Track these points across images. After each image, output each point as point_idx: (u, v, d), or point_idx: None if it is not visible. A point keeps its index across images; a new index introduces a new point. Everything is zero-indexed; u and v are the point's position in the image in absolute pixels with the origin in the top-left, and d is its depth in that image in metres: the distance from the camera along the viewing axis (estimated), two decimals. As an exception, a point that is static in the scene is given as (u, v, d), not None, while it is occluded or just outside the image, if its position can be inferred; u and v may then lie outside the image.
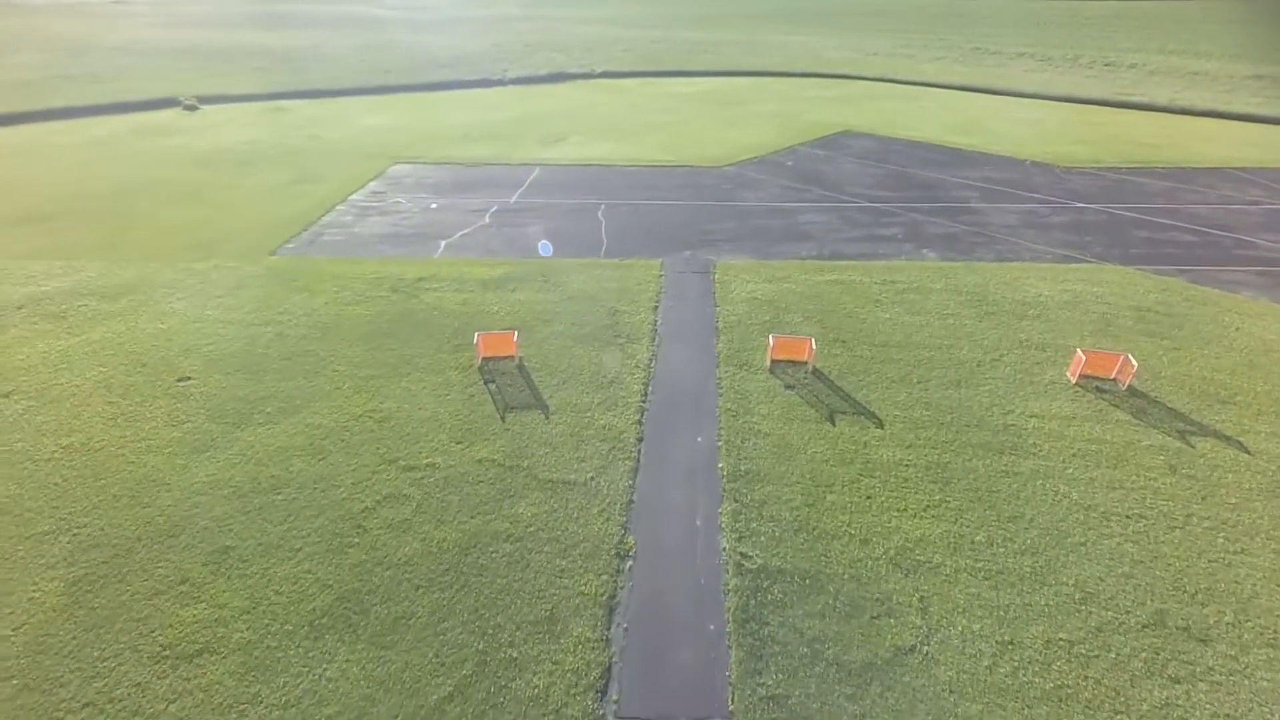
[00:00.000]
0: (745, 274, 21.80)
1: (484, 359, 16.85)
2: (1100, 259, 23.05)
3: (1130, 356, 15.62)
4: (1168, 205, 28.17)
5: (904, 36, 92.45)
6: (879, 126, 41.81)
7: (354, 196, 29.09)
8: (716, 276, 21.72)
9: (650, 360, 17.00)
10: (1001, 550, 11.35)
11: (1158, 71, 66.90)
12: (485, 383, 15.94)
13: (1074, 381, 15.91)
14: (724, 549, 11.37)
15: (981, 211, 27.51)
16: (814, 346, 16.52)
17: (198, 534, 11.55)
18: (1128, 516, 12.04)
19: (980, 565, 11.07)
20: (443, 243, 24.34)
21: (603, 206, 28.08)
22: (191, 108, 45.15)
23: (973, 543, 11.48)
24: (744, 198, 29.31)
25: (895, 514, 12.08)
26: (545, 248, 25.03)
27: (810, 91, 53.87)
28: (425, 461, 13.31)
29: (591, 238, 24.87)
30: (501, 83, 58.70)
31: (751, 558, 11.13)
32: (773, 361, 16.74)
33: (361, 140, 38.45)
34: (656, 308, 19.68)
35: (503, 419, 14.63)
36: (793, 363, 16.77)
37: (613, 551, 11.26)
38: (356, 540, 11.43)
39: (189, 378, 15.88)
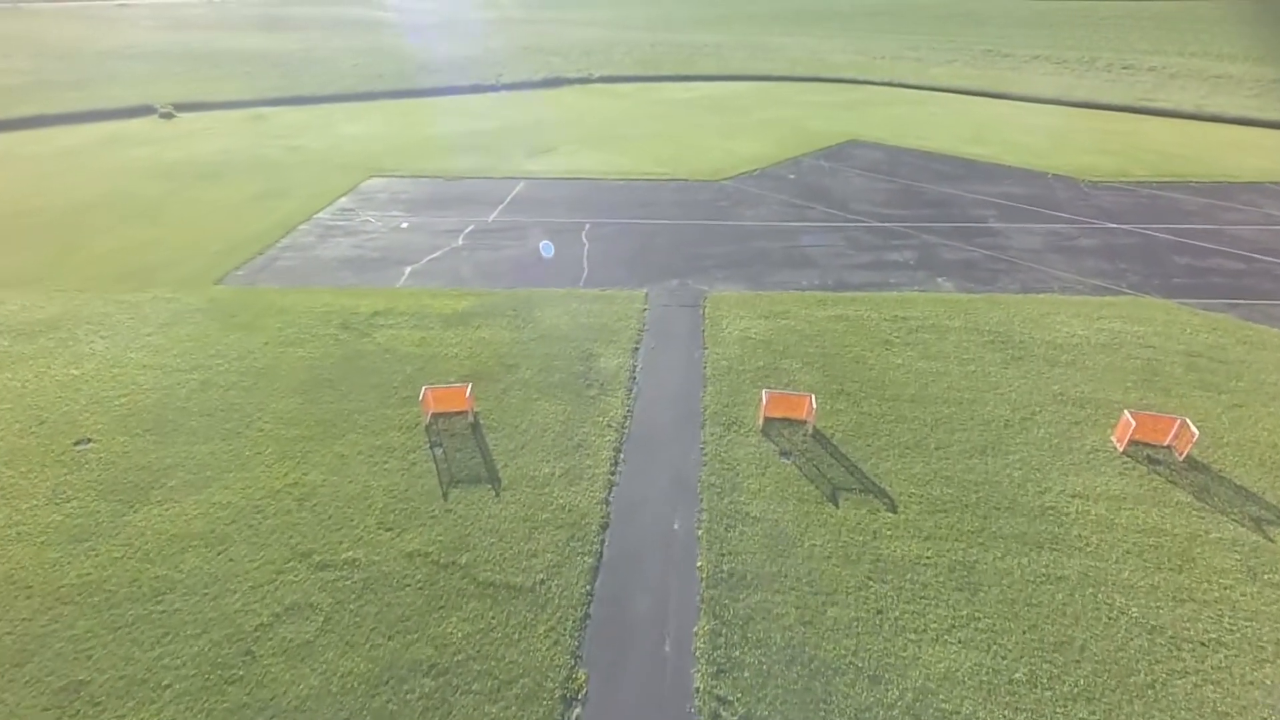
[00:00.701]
0: (739, 308, 19.55)
1: (434, 415, 14.73)
2: (1138, 290, 20.66)
3: (1189, 422, 13.29)
4: (1207, 226, 25.72)
5: (911, 38, 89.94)
6: (887, 135, 39.46)
7: (321, 214, 27.01)
8: (707, 311, 19.47)
9: (625, 418, 14.76)
10: (1048, 694, 9.04)
11: (1179, 75, 64.18)
12: (431, 446, 13.77)
13: (1121, 449, 13.59)
14: (697, 688, 9.12)
15: (1001, 233, 25.16)
16: (814, 405, 14.29)
17: (48, 662, 9.40)
18: (1203, 644, 9.73)
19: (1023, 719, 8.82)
20: (408, 269, 22.21)
21: (587, 226, 25.89)
22: (168, 115, 43.28)
23: (1011, 682, 9.19)
24: (741, 216, 27.05)
25: (913, 637, 9.82)
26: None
27: (814, 97, 51.58)
28: (345, 556, 11.14)
29: (572, 263, 22.66)
30: (494, 89, 56.63)
31: (731, 704, 8.88)
32: (766, 420, 14.52)
33: (340, 151, 36.43)
34: (637, 349, 17.45)
35: (445, 496, 12.45)
36: (789, 421, 14.56)
37: (557, 692, 9.01)
38: (241, 673, 9.25)
39: (89, 440, 13.78)
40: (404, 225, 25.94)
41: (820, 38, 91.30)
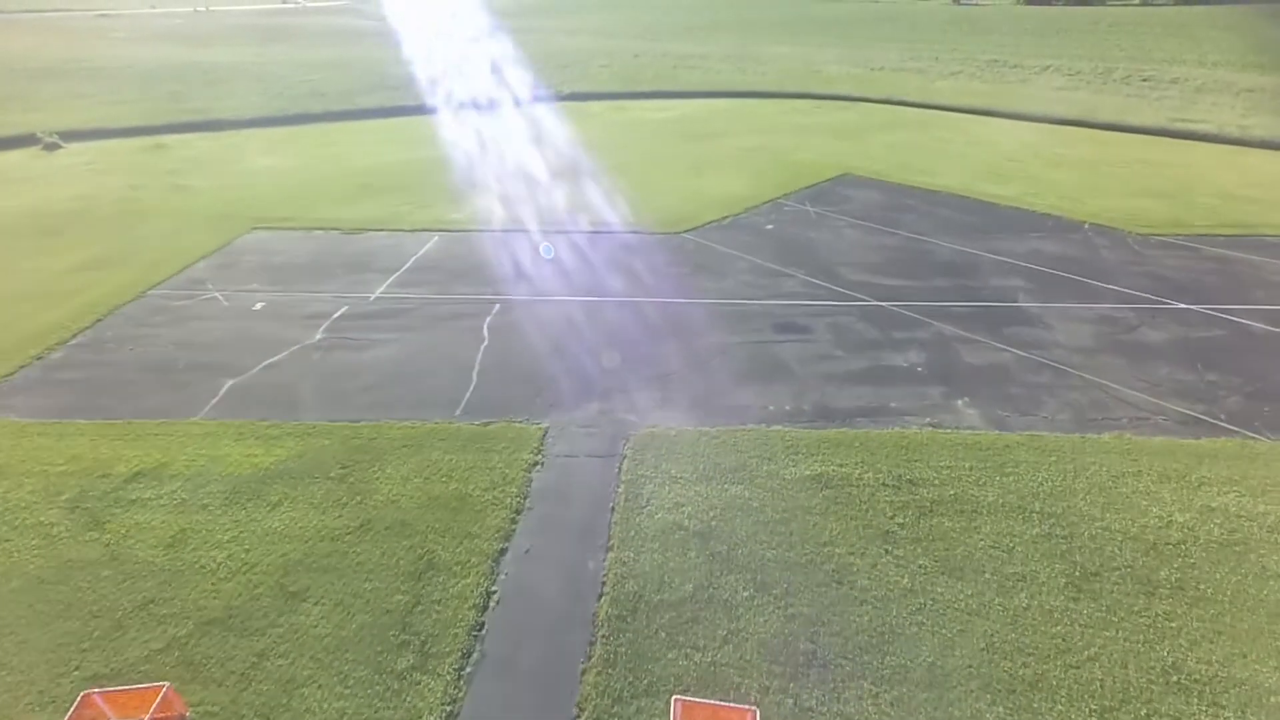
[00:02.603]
0: (674, 459, 13.63)
1: (117, 725, 8.87)
2: (1243, 426, 14.57)
3: None
4: (1308, 306, 19.84)
5: (912, 47, 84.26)
6: (887, 169, 33.55)
7: (158, 290, 20.94)
8: (626, 465, 13.53)
9: (439, 733, 8.92)
10: None
11: (1205, 88, 58.35)
12: (69, 825, 7.96)
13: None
14: None
15: (1037, 318, 19.18)
16: (759, 731, 8.38)
17: None
18: None
19: None
20: (227, 384, 16.22)
21: (496, 307, 19.97)
22: (53, 146, 37.35)
23: None
24: (700, 290, 21.06)
25: None
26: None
27: (805, 117, 45.70)
28: None
29: (456, 373, 16.66)
30: (448, 108, 51.10)
31: None
32: (680, 741, 8.67)
33: (232, 192, 30.55)
34: (502, 554, 11.51)
35: None
36: (721, 739, 8.69)
37: None
38: None
39: None
40: (258, 306, 19.99)
41: (815, 46, 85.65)
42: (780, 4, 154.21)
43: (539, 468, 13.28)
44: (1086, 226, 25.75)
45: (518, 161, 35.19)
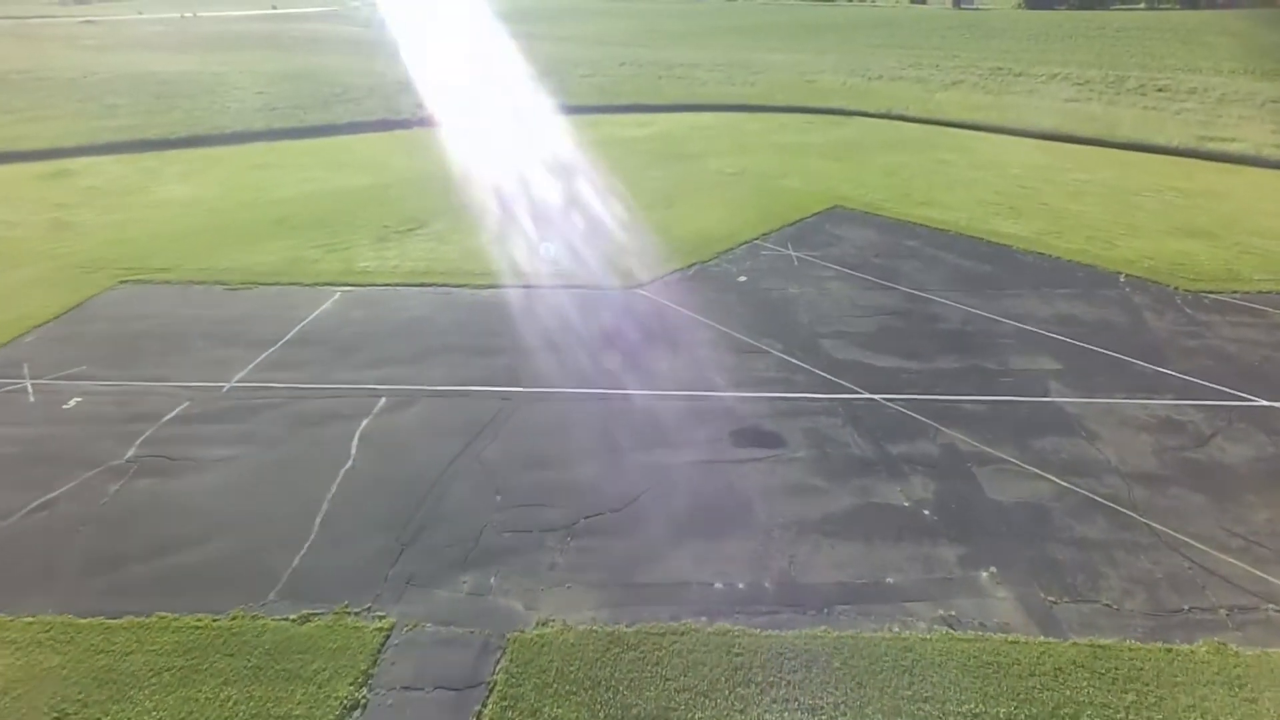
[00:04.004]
0: (562, 696, 9.08)
1: None
2: (1396, 621, 10.46)
3: None
4: None
5: (912, 53, 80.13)
6: (884, 198, 29.20)
7: (-42, 376, 16.99)
8: (489, 708, 9.26)
9: None
10: None
11: (1227, 99, 54.14)
12: None
13: None
14: None
15: (1077, 422, 14.70)
16: None
17: None
18: None
19: None
20: (-31, 542, 12.10)
21: (380, 402, 15.63)
22: (-61, 172, 33.54)
23: None
24: (643, 376, 16.49)
25: None
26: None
27: (795, 135, 41.40)
28: None
29: (295, 517, 12.07)
30: (406, 125, 46.66)
31: None
32: None
33: (120, 231, 26.05)
34: None
35: None
36: None
37: None
38: None
39: None
40: (70, 404, 15.51)
41: (810, 53, 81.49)
42: (776, 9, 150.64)
43: (358, 715, 8.97)
44: (1123, 279, 21.36)
45: (460, 193, 30.62)
